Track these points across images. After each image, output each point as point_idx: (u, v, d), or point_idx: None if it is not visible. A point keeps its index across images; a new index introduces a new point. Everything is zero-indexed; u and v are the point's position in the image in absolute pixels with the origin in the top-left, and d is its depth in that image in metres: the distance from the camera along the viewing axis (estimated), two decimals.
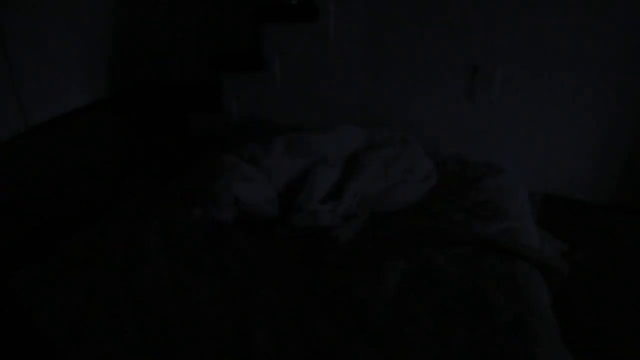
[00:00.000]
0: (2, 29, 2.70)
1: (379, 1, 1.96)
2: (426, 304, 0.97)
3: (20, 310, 1.01)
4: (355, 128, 1.63)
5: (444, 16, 1.90)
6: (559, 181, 2.00)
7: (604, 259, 1.58)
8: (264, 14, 2.07)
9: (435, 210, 1.36)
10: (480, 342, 0.87)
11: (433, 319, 0.93)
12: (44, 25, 3.00)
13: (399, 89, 2.10)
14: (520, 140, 1.99)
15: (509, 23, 1.82)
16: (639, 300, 1.41)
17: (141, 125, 3.02)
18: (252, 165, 1.40)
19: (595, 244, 1.66)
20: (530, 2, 1.77)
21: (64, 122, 3.12)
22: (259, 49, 2.17)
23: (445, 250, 1.14)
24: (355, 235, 1.26)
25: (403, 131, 1.76)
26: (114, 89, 3.73)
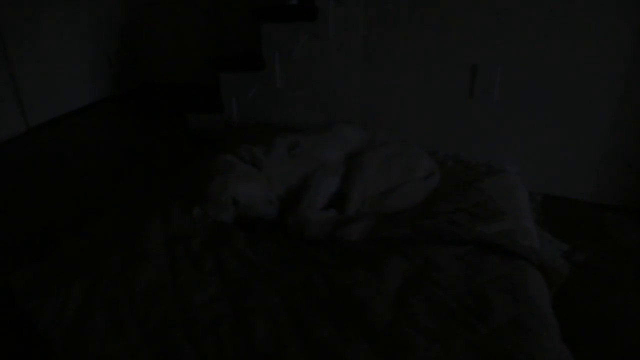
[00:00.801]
0: (2, 29, 2.70)
1: (379, 1, 1.96)
2: (426, 304, 0.97)
3: (20, 310, 1.01)
4: (355, 128, 1.63)
5: (444, 16, 1.90)
6: (559, 181, 2.00)
7: (604, 259, 1.58)
8: (264, 14, 2.07)
9: (435, 210, 1.36)
10: (480, 342, 0.87)
11: (433, 319, 0.93)
12: (44, 25, 3.00)
13: (399, 89, 2.10)
14: (520, 140, 1.99)
15: (508, 23, 1.82)
16: (638, 299, 1.41)
17: (141, 126, 3.02)
18: (252, 166, 1.40)
19: (595, 244, 1.66)
20: (530, 3, 1.77)
21: (64, 122, 3.12)
22: (259, 49, 2.17)
23: (445, 251, 1.14)
24: (365, 234, 1.26)
25: (402, 131, 1.76)
26: (114, 89, 3.73)
